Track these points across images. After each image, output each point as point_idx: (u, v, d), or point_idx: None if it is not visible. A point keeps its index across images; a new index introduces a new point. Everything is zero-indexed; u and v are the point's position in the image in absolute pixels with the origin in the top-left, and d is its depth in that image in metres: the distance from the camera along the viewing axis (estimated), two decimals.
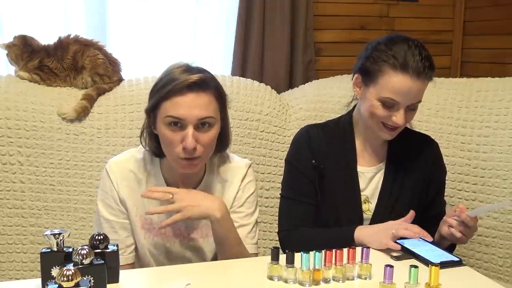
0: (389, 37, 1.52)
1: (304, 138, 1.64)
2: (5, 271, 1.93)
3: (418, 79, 1.44)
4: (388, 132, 1.52)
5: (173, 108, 1.36)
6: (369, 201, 1.60)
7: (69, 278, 0.97)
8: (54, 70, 2.00)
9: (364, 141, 1.61)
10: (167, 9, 2.37)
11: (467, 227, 1.43)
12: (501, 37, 2.54)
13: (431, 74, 1.48)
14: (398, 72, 1.44)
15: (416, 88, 1.45)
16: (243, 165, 1.57)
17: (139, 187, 1.49)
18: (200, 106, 1.37)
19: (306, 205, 1.60)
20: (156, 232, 1.50)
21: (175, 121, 1.37)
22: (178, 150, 1.38)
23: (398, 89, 1.44)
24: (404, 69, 1.43)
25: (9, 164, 1.92)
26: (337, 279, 1.23)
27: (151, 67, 2.26)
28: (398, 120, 1.47)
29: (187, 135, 1.36)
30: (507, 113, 2.03)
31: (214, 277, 1.28)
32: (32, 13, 2.21)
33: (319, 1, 2.54)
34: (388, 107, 1.47)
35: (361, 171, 1.60)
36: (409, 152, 1.62)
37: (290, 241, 1.58)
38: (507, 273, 1.99)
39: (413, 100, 1.47)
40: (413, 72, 1.43)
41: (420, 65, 1.43)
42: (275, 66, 2.43)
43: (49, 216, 1.95)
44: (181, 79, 1.37)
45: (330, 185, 1.59)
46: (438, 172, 1.66)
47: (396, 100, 1.45)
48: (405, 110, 1.47)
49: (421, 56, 1.44)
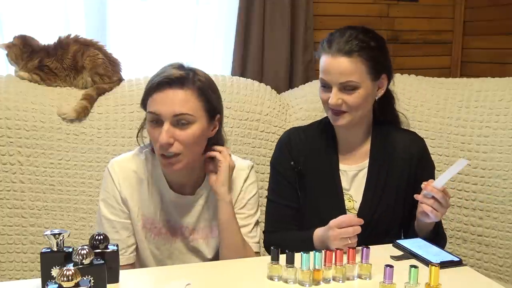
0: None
1: (284, 141, 1.67)
2: (5, 271, 1.93)
3: (339, 55, 1.48)
4: (332, 116, 1.55)
5: (153, 104, 1.39)
6: (354, 200, 1.61)
7: (69, 278, 0.97)
8: (54, 70, 2.00)
9: (345, 140, 1.62)
10: (167, 9, 2.37)
11: (436, 201, 1.41)
12: (501, 37, 2.54)
13: (360, 52, 1.49)
14: (324, 53, 1.52)
15: (339, 65, 1.48)
16: (245, 167, 1.57)
17: (141, 187, 1.49)
18: (176, 102, 1.38)
19: (286, 208, 1.62)
20: (157, 232, 1.51)
21: (155, 117, 1.38)
22: (158, 147, 1.39)
23: (324, 67, 1.52)
24: (328, 48, 1.51)
25: (9, 164, 1.92)
26: (337, 279, 1.23)
27: (151, 67, 2.26)
28: (331, 100, 1.50)
29: (162, 131, 1.37)
30: (507, 113, 2.03)
31: (214, 277, 1.28)
32: (32, 13, 2.21)
33: (319, 1, 2.54)
34: (325, 88, 1.53)
35: (343, 170, 1.61)
36: (393, 149, 1.61)
37: (270, 242, 1.58)
38: (507, 273, 1.99)
39: (341, 78, 1.49)
40: (335, 50, 1.49)
41: (341, 43, 1.49)
42: (275, 66, 2.43)
43: (49, 216, 1.95)
44: (162, 75, 1.39)
45: (312, 185, 1.60)
46: (424, 169, 1.63)
47: (325, 79, 1.52)
48: (339, 90, 1.50)
49: (351, 37, 1.49)
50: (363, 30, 1.54)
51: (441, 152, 2.10)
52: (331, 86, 1.51)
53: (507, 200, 1.98)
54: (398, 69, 2.44)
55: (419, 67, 2.63)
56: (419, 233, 1.53)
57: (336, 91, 1.50)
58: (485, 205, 2.02)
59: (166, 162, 1.40)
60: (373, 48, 1.51)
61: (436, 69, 2.69)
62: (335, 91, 1.50)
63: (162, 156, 1.39)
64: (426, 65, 2.72)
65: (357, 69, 1.49)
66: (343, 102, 1.50)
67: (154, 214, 1.50)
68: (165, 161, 1.40)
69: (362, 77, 1.50)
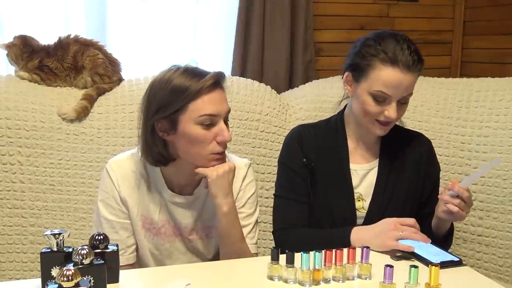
0: (377, 33, 1.54)
1: (295, 137, 1.65)
2: (5, 271, 1.93)
3: (408, 72, 1.46)
4: (381, 127, 1.53)
5: (206, 106, 1.37)
6: (363, 199, 1.60)
7: (69, 278, 0.97)
8: (54, 70, 2.00)
9: (356, 139, 1.62)
10: (167, 9, 2.37)
11: (462, 200, 1.44)
12: (501, 37, 2.54)
13: (420, 67, 1.50)
14: (388, 66, 1.46)
15: (407, 81, 1.47)
16: (242, 165, 1.57)
17: (140, 187, 1.49)
18: (225, 100, 1.43)
19: (300, 203, 1.61)
20: (156, 231, 1.51)
21: (209, 119, 1.38)
22: (212, 147, 1.39)
23: (389, 82, 1.46)
24: (394, 62, 1.46)
25: (9, 164, 1.92)
26: (337, 279, 1.23)
27: (151, 67, 2.26)
28: (390, 114, 1.48)
29: (223, 129, 1.39)
30: (507, 113, 2.04)
31: (214, 277, 1.28)
32: (32, 13, 2.21)
33: (319, 1, 2.54)
34: (380, 101, 1.49)
35: (354, 169, 1.61)
36: (402, 149, 1.63)
37: (286, 240, 1.58)
38: (507, 273, 1.99)
39: (404, 93, 1.49)
40: (403, 65, 1.46)
41: (409, 58, 1.46)
42: (275, 66, 2.43)
43: (49, 216, 1.95)
44: (202, 77, 1.38)
45: (323, 183, 1.60)
46: (432, 169, 1.66)
47: (387, 93, 1.47)
48: (397, 104, 1.49)
49: (410, 49, 1.47)
50: (411, 40, 1.52)
51: (441, 152, 2.10)
52: (388, 100, 1.48)
53: (507, 200, 1.98)
54: None
55: None
56: (436, 232, 1.54)
57: (395, 105, 1.49)
58: (485, 205, 2.03)
59: (220, 157, 1.42)
60: (423, 60, 1.52)
61: (436, 69, 2.69)
62: (395, 105, 1.48)
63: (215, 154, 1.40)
64: (426, 65, 2.66)
65: (414, 82, 1.51)
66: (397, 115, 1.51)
67: (153, 214, 1.50)
68: (220, 157, 1.42)
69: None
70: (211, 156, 1.40)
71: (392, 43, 1.48)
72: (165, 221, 1.51)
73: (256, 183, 1.63)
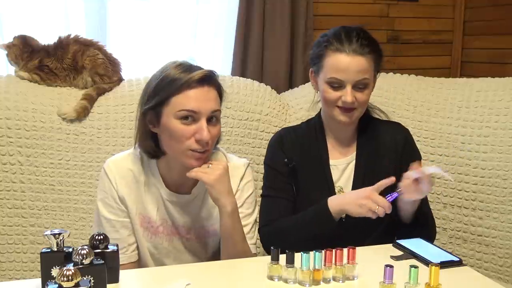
0: (332, 28, 1.62)
1: (276, 140, 1.72)
2: (5, 271, 1.93)
3: (356, 55, 1.53)
4: (343, 113, 1.58)
5: (187, 101, 1.37)
6: (343, 191, 1.64)
7: (69, 278, 0.97)
8: (54, 70, 2.00)
9: (334, 136, 1.68)
10: (167, 9, 2.37)
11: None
12: (501, 37, 2.54)
13: (370, 50, 1.55)
14: (336, 52, 1.55)
15: (355, 64, 1.53)
16: (241, 165, 1.57)
17: (137, 186, 1.49)
18: (211, 99, 1.40)
19: (284, 200, 1.65)
20: (154, 230, 1.51)
21: (189, 114, 1.37)
22: (189, 143, 1.38)
23: (337, 67, 1.54)
24: (340, 47, 1.54)
25: (9, 164, 1.92)
26: (337, 279, 1.23)
27: (151, 67, 2.25)
28: (347, 98, 1.54)
29: (202, 128, 1.37)
30: (507, 113, 2.03)
31: (214, 277, 1.28)
32: (32, 13, 2.21)
33: (319, 1, 2.54)
34: (336, 87, 1.56)
35: (334, 164, 1.66)
36: (378, 139, 1.67)
37: (269, 234, 1.60)
38: (507, 273, 1.99)
39: (356, 77, 1.54)
40: (349, 49, 1.53)
41: (355, 42, 1.54)
42: (275, 66, 2.43)
43: (49, 216, 1.95)
44: (191, 73, 1.38)
45: (304, 180, 1.65)
46: (411, 156, 1.66)
47: (339, 78, 1.54)
48: (352, 88, 1.54)
49: (359, 36, 1.55)
50: (363, 29, 1.60)
51: (441, 152, 2.10)
52: (343, 85, 1.55)
53: (507, 200, 1.98)
54: (398, 69, 2.44)
55: (419, 67, 2.63)
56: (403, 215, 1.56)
57: (350, 89, 1.54)
58: (485, 205, 2.02)
59: (199, 156, 1.40)
60: (378, 48, 1.59)
61: (436, 69, 2.69)
62: (350, 89, 1.54)
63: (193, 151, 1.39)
64: (426, 65, 2.72)
65: (369, 67, 1.57)
66: (356, 100, 1.55)
67: (151, 212, 1.50)
68: (199, 155, 1.40)
69: (371, 75, 1.58)
70: (189, 152, 1.39)
71: (342, 32, 1.57)
72: (163, 220, 1.51)
73: (255, 183, 1.63)
